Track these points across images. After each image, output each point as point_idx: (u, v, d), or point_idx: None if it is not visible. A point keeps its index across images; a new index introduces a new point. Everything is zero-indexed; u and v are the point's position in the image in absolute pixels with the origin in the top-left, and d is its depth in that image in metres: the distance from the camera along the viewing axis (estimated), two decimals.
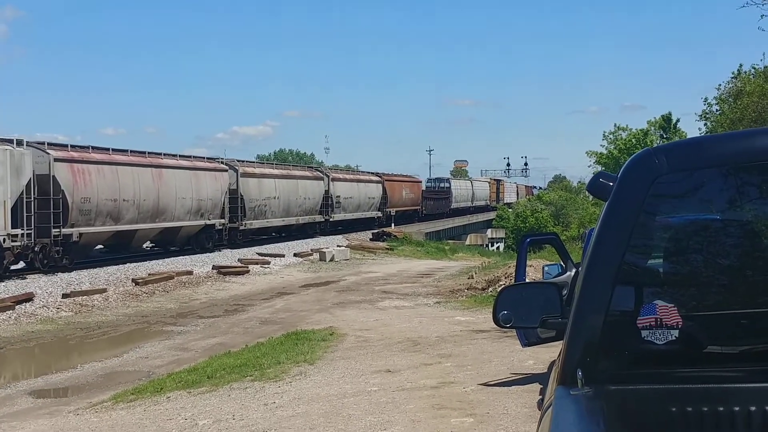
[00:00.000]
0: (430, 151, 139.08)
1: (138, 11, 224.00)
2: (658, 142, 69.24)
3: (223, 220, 36.79)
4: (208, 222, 35.50)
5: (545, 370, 9.41)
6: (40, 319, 19.61)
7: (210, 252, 35.03)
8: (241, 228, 38.55)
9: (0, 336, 17.55)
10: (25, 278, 24.21)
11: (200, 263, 30.85)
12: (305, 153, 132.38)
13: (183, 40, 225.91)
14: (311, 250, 38.10)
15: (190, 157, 36.23)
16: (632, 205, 2.69)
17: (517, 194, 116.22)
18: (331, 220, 50.16)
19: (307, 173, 48.99)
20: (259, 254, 35.27)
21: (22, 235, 24.37)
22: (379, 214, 58.80)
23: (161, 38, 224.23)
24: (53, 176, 25.81)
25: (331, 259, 34.89)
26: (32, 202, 25.10)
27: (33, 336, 17.76)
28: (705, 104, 42.75)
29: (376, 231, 50.29)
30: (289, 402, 9.41)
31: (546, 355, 9.79)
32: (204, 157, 37.41)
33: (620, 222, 2.70)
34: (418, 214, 68.45)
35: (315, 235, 47.26)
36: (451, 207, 79.40)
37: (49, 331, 18.31)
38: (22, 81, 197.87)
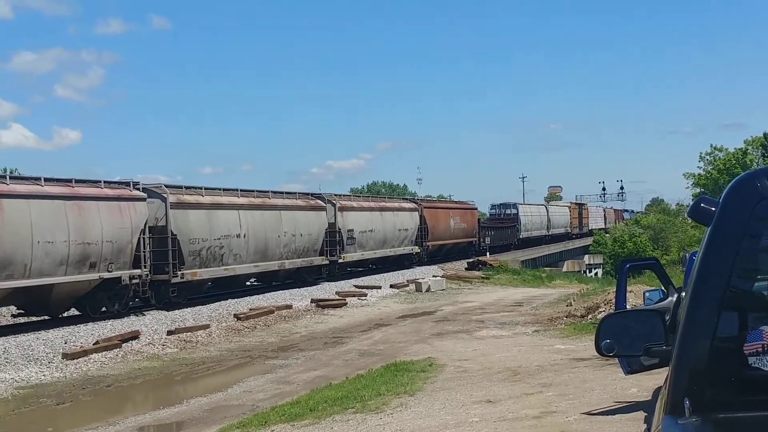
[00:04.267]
0: (523, 178, 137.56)
1: (230, 51, 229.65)
2: (757, 160, 67.38)
3: (137, 271, 25.21)
4: (108, 275, 23.99)
5: (649, 398, 9.23)
6: (147, 356, 20.13)
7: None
8: (174, 281, 26.81)
9: (108, 374, 18.09)
10: (130, 316, 24.85)
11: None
12: (398, 185, 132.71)
13: (277, 79, 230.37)
14: (407, 281, 38.14)
15: (69, 181, 23.93)
16: (736, 229, 2.67)
17: (605, 219, 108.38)
18: (340, 261, 38.67)
19: (298, 202, 36.09)
20: (356, 286, 35.46)
21: None
22: (417, 249, 47.69)
23: (255, 78, 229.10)
24: None
25: (427, 290, 34.93)
26: None
27: (140, 373, 18.23)
28: None
29: (471, 260, 49.69)
30: None
31: (650, 382, 9.60)
32: (101, 181, 25.31)
33: (724, 247, 2.68)
34: (473, 247, 57.29)
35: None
36: (520, 237, 67.94)
37: (156, 368, 18.77)
38: (122, 123, 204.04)
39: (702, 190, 67.92)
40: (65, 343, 20.35)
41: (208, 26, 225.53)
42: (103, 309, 24.67)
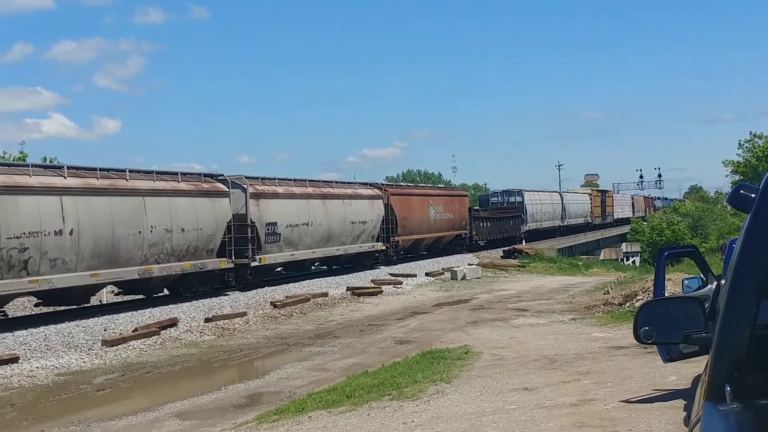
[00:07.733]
0: (559, 166, 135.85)
1: (266, 41, 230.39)
2: None
3: None
4: None
5: (689, 386, 9.17)
6: (185, 343, 20.32)
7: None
8: None
9: (147, 360, 18.29)
10: (168, 305, 25.09)
11: None
12: (433, 173, 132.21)
13: (311, 68, 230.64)
14: (442, 269, 38.10)
15: None
16: None
17: (633, 208, 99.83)
18: (255, 264, 29.39)
19: (181, 185, 26.37)
20: (391, 274, 35.49)
21: None
22: (381, 246, 38.65)
23: (293, 67, 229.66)
24: None
25: (463, 278, 34.90)
26: None
27: (178, 360, 18.41)
28: None
29: (506, 248, 49.50)
30: (428, 421, 9.47)
31: (689, 370, 9.54)
32: None
33: (764, 234, 2.65)
34: (463, 241, 49.53)
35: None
36: (527, 229, 59.08)
37: (194, 355, 18.95)
38: (161, 112, 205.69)
39: (741, 177, 67.00)
40: (105, 330, 20.63)
41: (247, 16, 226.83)
42: None
